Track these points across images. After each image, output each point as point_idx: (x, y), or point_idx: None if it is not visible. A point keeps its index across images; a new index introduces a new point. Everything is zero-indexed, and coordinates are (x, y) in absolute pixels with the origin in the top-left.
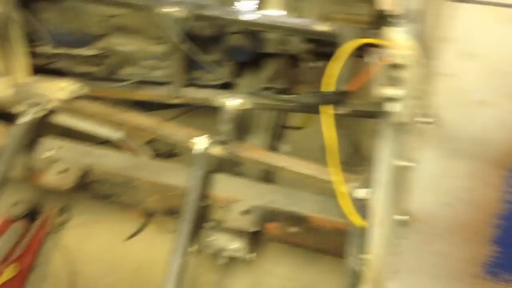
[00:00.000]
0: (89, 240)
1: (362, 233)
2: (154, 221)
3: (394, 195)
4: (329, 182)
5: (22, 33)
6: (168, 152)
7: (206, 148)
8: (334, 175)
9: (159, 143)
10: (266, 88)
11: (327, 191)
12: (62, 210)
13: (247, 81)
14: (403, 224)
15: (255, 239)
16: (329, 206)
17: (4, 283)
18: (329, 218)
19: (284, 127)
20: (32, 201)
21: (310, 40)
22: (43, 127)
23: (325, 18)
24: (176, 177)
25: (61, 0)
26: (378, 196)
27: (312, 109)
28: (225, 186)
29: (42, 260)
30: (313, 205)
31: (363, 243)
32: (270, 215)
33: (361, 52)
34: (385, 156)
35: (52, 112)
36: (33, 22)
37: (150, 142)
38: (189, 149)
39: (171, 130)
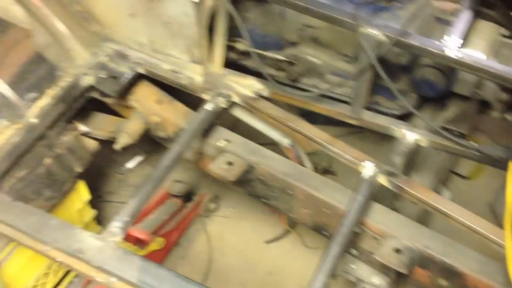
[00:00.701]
0: (231, 233)
1: None
2: (296, 231)
3: None
4: (497, 243)
5: (226, 27)
6: (325, 167)
7: (372, 175)
8: (508, 238)
9: (317, 157)
10: (444, 129)
11: (490, 252)
12: (214, 198)
13: (426, 116)
14: None
15: (398, 279)
16: (491, 269)
17: (148, 254)
18: (488, 282)
19: (452, 172)
20: (191, 183)
21: (508, 90)
22: (220, 117)
23: None
24: (335, 196)
25: (266, 3)
26: None
27: (495, 163)
28: (382, 218)
29: (186, 240)
30: (472, 263)
31: None
32: (422, 261)
33: None
34: None
35: (233, 104)
36: (237, 19)
37: (309, 154)
38: (350, 171)
39: (342, 148)
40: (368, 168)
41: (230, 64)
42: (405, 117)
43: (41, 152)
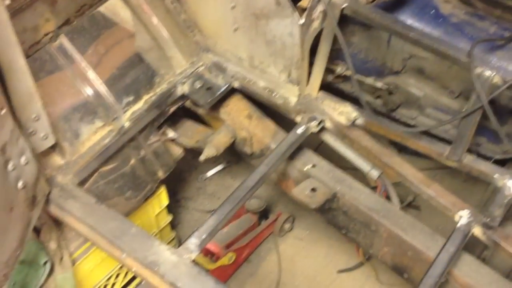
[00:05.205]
0: (303, 256)
1: None
2: (371, 264)
3: None
4: None
5: (328, 50)
6: (409, 201)
7: (467, 225)
8: None
9: (402, 189)
10: None
11: None
12: (289, 218)
13: None
14: None
15: None
16: None
17: (218, 267)
18: None
19: None
20: (268, 200)
21: None
22: (309, 140)
23: None
24: (423, 240)
25: (372, 29)
26: None
27: None
28: (472, 272)
29: (257, 257)
30: None
31: None
32: None
33: None
34: None
35: (324, 129)
36: (342, 42)
37: (394, 183)
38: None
39: (438, 192)
40: (464, 218)
41: (323, 86)
42: (504, 162)
43: (128, 153)
